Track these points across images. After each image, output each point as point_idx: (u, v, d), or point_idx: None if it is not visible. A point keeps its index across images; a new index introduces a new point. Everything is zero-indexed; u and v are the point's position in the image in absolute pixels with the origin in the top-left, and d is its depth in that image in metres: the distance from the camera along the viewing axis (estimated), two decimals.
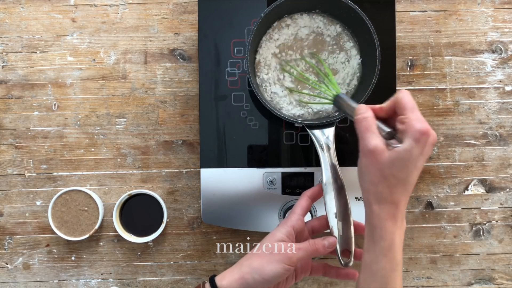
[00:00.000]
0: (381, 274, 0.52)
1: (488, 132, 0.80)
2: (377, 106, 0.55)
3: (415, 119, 0.50)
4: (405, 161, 0.50)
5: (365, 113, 0.54)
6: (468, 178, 0.80)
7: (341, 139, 0.73)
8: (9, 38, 0.79)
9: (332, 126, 0.66)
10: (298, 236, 0.62)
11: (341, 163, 0.64)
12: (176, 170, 0.79)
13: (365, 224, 0.55)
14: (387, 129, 0.53)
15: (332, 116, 0.69)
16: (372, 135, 0.52)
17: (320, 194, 0.63)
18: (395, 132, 0.53)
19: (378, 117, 0.54)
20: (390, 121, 0.54)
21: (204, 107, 0.73)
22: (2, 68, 0.79)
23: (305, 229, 0.63)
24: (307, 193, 0.64)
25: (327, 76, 0.67)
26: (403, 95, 0.52)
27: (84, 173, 0.79)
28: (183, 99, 0.79)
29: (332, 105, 0.67)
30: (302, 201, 0.63)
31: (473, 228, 0.80)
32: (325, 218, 0.63)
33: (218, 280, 0.59)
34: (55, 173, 0.79)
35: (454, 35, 0.80)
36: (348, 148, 0.73)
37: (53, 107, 0.79)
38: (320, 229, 0.65)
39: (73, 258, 0.79)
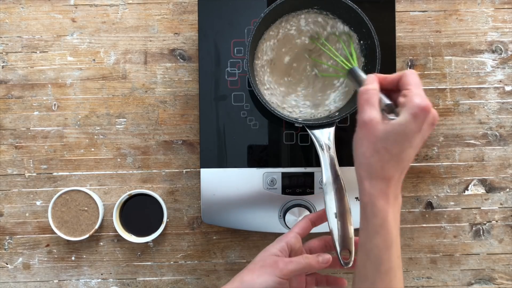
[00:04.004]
0: (375, 253, 0.51)
1: (488, 132, 0.80)
2: (383, 75, 0.54)
3: (416, 93, 0.49)
4: (399, 135, 0.49)
5: (369, 84, 0.52)
6: (468, 178, 0.80)
7: (341, 139, 0.73)
8: (9, 38, 0.79)
9: (332, 126, 0.66)
10: (294, 255, 0.61)
11: (341, 163, 0.64)
12: (176, 170, 0.79)
13: (359, 202, 0.53)
14: (388, 101, 0.51)
15: (332, 116, 0.69)
16: (370, 108, 0.50)
17: (323, 219, 0.63)
18: (395, 106, 0.51)
19: (382, 88, 0.53)
20: (392, 95, 0.53)
21: (204, 107, 0.73)
22: (2, 68, 0.79)
23: (302, 249, 0.63)
24: (309, 216, 0.64)
25: (350, 54, 0.66)
26: (411, 72, 0.51)
27: (84, 173, 0.79)
28: (183, 99, 0.79)
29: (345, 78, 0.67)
30: (302, 222, 0.63)
31: (473, 228, 0.80)
32: (325, 240, 0.64)
33: None
34: (55, 173, 0.79)
35: (454, 35, 0.80)
36: (348, 148, 0.73)
37: (53, 107, 0.79)
38: (319, 250, 0.64)
39: (73, 258, 0.79)
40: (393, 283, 0.51)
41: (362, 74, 0.60)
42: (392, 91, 0.53)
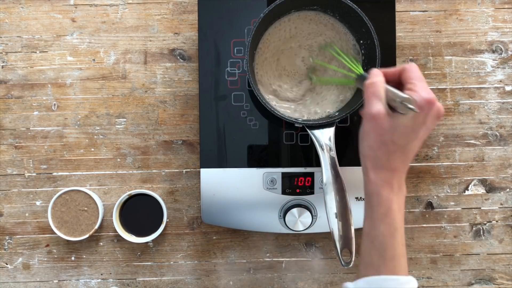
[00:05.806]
0: (380, 240, 0.52)
1: (488, 132, 0.80)
2: (384, 69, 0.55)
3: (421, 87, 0.51)
4: (406, 127, 0.50)
5: (374, 77, 0.53)
6: (468, 178, 0.80)
7: (341, 139, 0.73)
8: (9, 38, 0.79)
9: (332, 126, 0.66)
10: None
11: (341, 163, 0.64)
12: (176, 170, 0.79)
13: (364, 191, 0.54)
14: (404, 95, 0.50)
15: (332, 116, 0.69)
16: (377, 100, 0.51)
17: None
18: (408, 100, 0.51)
19: (386, 80, 0.54)
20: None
21: (204, 107, 0.73)
22: (2, 68, 0.78)
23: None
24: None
25: (356, 59, 0.66)
26: (412, 65, 0.53)
27: (84, 173, 0.79)
28: (183, 99, 0.79)
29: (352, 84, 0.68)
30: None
31: (473, 228, 0.80)
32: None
33: None
34: (55, 173, 0.79)
35: (454, 35, 0.80)
36: (348, 148, 0.73)
37: (53, 107, 0.79)
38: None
39: (73, 258, 0.79)
40: (397, 269, 0.51)
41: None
42: (394, 83, 0.54)
